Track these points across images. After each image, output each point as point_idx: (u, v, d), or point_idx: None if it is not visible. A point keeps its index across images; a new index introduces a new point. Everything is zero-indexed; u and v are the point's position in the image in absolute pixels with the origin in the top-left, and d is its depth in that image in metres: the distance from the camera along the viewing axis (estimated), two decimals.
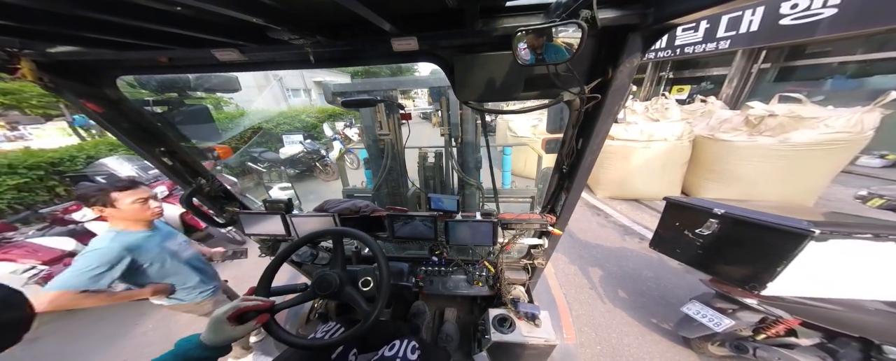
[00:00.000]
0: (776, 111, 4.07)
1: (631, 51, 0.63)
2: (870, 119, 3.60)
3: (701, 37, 7.31)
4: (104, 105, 0.96)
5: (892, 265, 1.24)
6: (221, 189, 1.42)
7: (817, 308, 1.65)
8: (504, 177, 2.96)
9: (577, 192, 1.04)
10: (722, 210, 1.45)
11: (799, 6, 5.33)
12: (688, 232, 1.57)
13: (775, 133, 3.97)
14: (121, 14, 0.53)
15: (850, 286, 1.32)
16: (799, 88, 5.97)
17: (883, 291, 1.34)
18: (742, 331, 1.88)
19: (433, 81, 1.85)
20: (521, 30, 0.56)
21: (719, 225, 1.47)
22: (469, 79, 0.77)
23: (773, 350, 1.84)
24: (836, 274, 1.28)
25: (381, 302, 0.90)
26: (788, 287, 1.30)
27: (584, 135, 0.87)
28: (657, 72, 9.48)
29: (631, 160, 4.49)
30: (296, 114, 8.46)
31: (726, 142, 4.20)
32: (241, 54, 0.77)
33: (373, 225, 1.40)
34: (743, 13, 6.27)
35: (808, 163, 3.76)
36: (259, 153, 6.00)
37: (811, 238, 1.16)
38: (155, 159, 1.14)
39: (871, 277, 1.28)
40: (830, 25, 5.04)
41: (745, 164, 4.06)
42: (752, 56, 6.68)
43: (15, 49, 0.74)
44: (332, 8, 0.62)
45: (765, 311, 1.75)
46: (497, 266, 1.52)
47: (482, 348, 1.28)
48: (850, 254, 1.22)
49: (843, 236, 1.18)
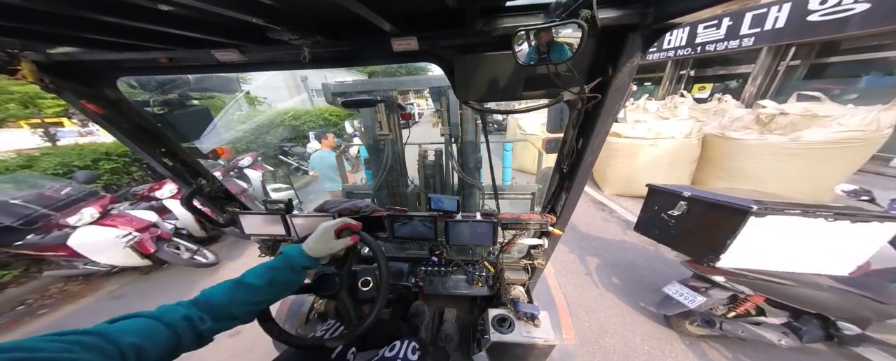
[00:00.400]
0: (787, 110, 4.03)
1: (631, 50, 0.63)
2: (887, 117, 3.50)
3: (723, 34, 7.07)
4: (104, 106, 0.96)
5: (819, 239, 1.43)
6: (222, 189, 1.42)
7: (774, 284, 1.83)
8: (504, 173, 2.96)
9: (577, 192, 1.04)
10: (689, 193, 1.60)
11: (828, 2, 5.09)
12: (663, 214, 1.70)
13: (786, 131, 3.92)
14: (121, 15, 0.53)
15: (788, 258, 1.50)
16: (831, 86, 5.84)
17: (814, 263, 1.52)
18: (716, 311, 2.04)
19: (433, 81, 1.85)
20: (521, 30, 0.56)
21: (687, 206, 1.61)
22: (469, 79, 0.77)
23: (738, 324, 2.01)
24: (775, 247, 1.46)
25: (379, 303, 0.90)
26: (738, 258, 1.46)
27: (584, 135, 0.87)
28: (677, 70, 9.17)
29: (638, 157, 4.51)
30: (320, 112, 8.85)
31: (736, 140, 4.17)
32: (241, 54, 0.77)
33: (373, 225, 1.40)
34: (768, 10, 6.06)
35: (821, 162, 3.71)
36: (289, 147, 6.72)
37: (751, 213, 1.33)
38: (155, 159, 1.14)
39: (803, 250, 1.47)
40: (863, 21, 4.81)
41: (756, 162, 4.03)
42: (779, 53, 6.44)
43: (15, 50, 0.74)
44: (332, 8, 0.62)
45: (732, 288, 1.94)
46: (497, 266, 1.52)
47: (481, 348, 1.28)
48: (785, 229, 1.40)
49: (777, 212, 1.34)
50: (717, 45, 7.27)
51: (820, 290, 1.81)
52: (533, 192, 2.53)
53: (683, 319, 2.19)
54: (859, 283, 1.81)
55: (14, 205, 3.05)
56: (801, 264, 1.52)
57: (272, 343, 1.06)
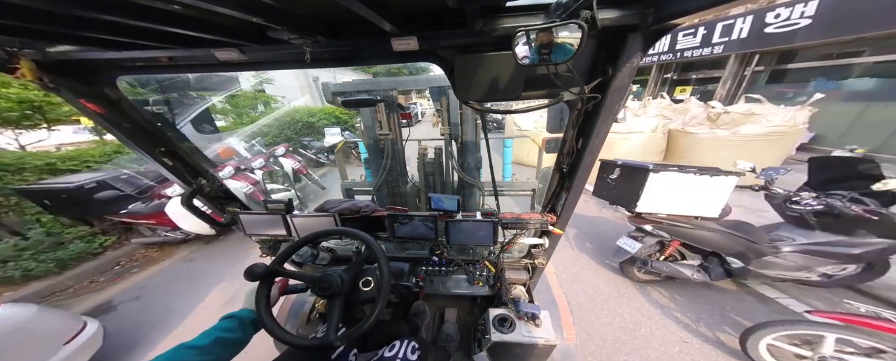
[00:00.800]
0: (729, 109, 5.17)
1: (631, 51, 0.63)
2: (801, 115, 4.54)
3: (699, 42, 7.94)
4: (104, 105, 0.95)
5: (693, 189, 2.14)
6: (222, 189, 1.42)
7: (681, 228, 2.40)
8: (505, 169, 2.96)
9: (577, 192, 1.04)
10: (621, 162, 2.27)
11: (781, 16, 6.06)
12: (607, 178, 2.39)
13: (729, 127, 4.93)
14: (121, 14, 0.53)
15: (679, 203, 2.23)
16: (787, 89, 6.84)
17: (695, 207, 2.26)
18: (650, 255, 2.70)
19: (433, 81, 1.85)
20: (521, 30, 0.56)
21: (620, 171, 2.28)
22: (469, 79, 0.77)
23: (665, 264, 2.62)
24: (669, 196, 2.18)
25: (380, 304, 0.90)
26: (649, 204, 2.23)
27: (584, 135, 0.87)
28: (661, 73, 10.06)
29: (614, 149, 5.20)
30: (332, 110, 9.33)
31: (693, 134, 5.14)
32: (241, 54, 0.77)
33: (373, 225, 1.40)
34: (735, 21, 6.90)
35: (756, 151, 4.47)
36: (307, 142, 7.51)
37: (650, 170, 2.06)
38: (155, 159, 1.13)
39: (686, 197, 2.19)
40: (806, 34, 5.77)
41: (708, 153, 4.86)
42: (745, 60, 7.30)
43: (15, 49, 0.74)
44: (332, 7, 0.62)
45: (657, 234, 2.54)
46: (497, 265, 1.52)
47: (482, 348, 1.28)
48: (672, 183, 2.11)
49: (665, 170, 2.07)
50: (694, 51, 8.17)
51: (711, 232, 2.35)
52: (533, 189, 2.53)
53: (631, 266, 2.79)
54: (735, 226, 2.38)
55: (133, 177, 3.90)
56: (687, 208, 2.26)
57: (273, 343, 1.06)
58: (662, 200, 2.19)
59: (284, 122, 7.77)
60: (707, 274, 2.49)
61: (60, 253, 3.42)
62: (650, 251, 2.68)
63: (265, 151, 5.27)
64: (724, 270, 2.46)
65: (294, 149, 6.90)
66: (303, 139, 7.60)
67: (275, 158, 5.15)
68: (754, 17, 6.52)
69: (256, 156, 4.94)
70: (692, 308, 2.52)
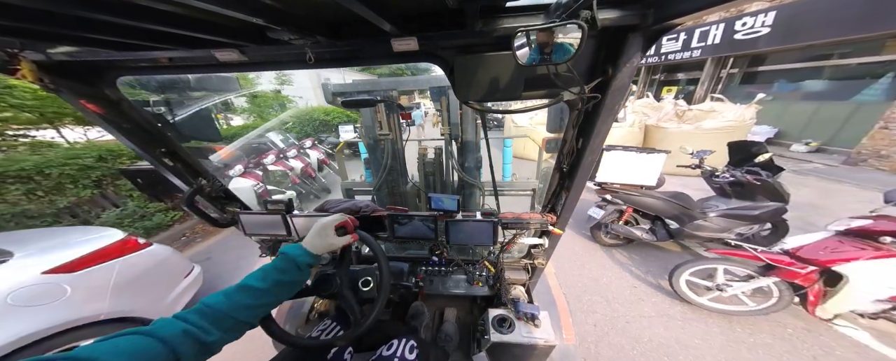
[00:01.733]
0: (692, 107, 6.15)
1: (631, 51, 0.63)
2: (748, 112, 5.37)
3: (680, 46, 8.87)
4: (104, 105, 0.95)
5: (636, 164, 2.71)
6: (222, 189, 1.42)
7: (632, 197, 2.99)
8: (505, 169, 2.96)
9: (577, 191, 1.04)
10: None
11: (747, 24, 6.98)
12: None
13: (693, 122, 5.85)
14: (121, 14, 0.53)
15: (627, 175, 2.81)
16: (756, 90, 7.36)
17: (638, 178, 2.78)
18: (612, 221, 3.35)
19: (433, 81, 1.85)
20: (521, 30, 0.56)
21: None
22: (469, 80, 0.77)
23: (622, 227, 3.27)
24: (619, 169, 2.78)
25: (379, 304, 0.90)
26: (605, 175, 2.86)
27: (584, 135, 0.87)
28: (650, 75, 10.96)
29: None
30: (344, 110, 9.77)
31: (664, 128, 6.00)
32: (242, 54, 0.77)
33: (373, 224, 1.40)
34: (710, 28, 7.81)
35: (715, 144, 4.85)
36: (324, 138, 8.21)
37: (604, 150, 2.65)
38: (156, 159, 1.13)
39: (632, 170, 2.76)
40: (767, 41, 6.71)
41: (676, 144, 5.35)
42: (720, 63, 8.16)
43: (15, 49, 0.74)
44: (333, 8, 0.62)
45: (615, 202, 3.20)
46: (497, 265, 1.52)
47: (481, 348, 1.28)
48: (621, 159, 2.72)
49: (614, 149, 2.69)
50: (676, 55, 9.09)
51: (654, 199, 2.97)
52: (533, 188, 2.53)
53: (599, 231, 3.44)
54: (674, 195, 3.00)
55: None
56: (633, 178, 2.80)
57: (271, 343, 1.06)
58: (615, 172, 2.81)
59: (304, 120, 8.79)
60: (653, 235, 3.14)
61: (147, 222, 4.25)
62: (612, 218, 3.33)
63: (296, 142, 6.34)
64: (666, 232, 3.09)
65: (313, 146, 7.60)
66: (320, 135, 8.40)
67: (303, 149, 6.21)
68: (726, 24, 7.44)
69: (290, 146, 5.89)
70: (644, 263, 3.25)
